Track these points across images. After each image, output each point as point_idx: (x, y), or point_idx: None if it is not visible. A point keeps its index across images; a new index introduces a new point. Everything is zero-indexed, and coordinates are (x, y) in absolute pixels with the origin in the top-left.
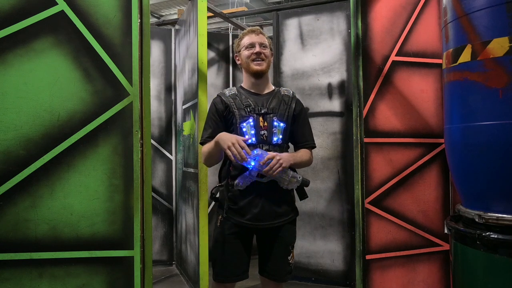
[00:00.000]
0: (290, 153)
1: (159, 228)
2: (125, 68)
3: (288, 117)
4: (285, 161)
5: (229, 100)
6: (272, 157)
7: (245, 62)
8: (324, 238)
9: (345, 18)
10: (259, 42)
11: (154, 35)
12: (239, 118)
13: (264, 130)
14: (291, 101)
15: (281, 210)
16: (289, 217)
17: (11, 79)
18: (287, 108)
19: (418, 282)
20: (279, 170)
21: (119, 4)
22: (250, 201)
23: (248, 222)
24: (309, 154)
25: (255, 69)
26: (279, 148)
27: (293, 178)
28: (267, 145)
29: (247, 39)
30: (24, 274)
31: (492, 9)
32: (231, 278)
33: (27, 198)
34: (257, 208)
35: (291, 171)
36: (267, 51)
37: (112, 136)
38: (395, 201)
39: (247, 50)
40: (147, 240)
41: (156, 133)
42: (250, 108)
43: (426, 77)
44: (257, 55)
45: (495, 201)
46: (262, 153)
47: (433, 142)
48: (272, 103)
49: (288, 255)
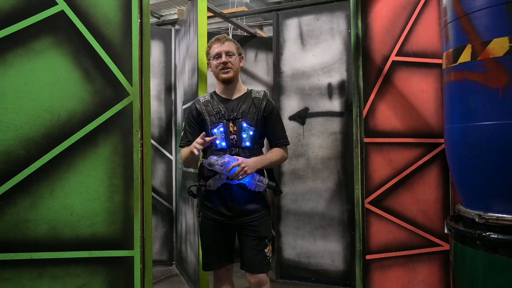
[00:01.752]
0: (258, 158)
1: (159, 228)
2: (125, 68)
3: (258, 120)
4: (250, 168)
5: (202, 108)
6: (238, 164)
7: (214, 71)
8: (324, 238)
9: (345, 18)
10: (225, 51)
11: (154, 35)
12: (210, 124)
13: (234, 135)
14: (261, 102)
15: (252, 208)
16: (261, 213)
17: (11, 79)
18: (256, 111)
19: (418, 282)
20: (244, 176)
21: (119, 4)
22: (222, 201)
23: (221, 218)
24: (281, 153)
25: (222, 78)
26: (249, 150)
27: (260, 182)
28: (237, 148)
29: (214, 48)
30: (24, 274)
31: (492, 9)
32: (211, 267)
33: (27, 198)
34: (228, 207)
35: (257, 176)
36: (234, 59)
37: (112, 136)
38: (395, 201)
39: (215, 60)
40: (147, 240)
41: (156, 133)
42: (220, 114)
43: (426, 77)
44: (223, 64)
45: (495, 201)
46: (229, 160)
47: (433, 142)
48: (242, 107)
49: (265, 247)
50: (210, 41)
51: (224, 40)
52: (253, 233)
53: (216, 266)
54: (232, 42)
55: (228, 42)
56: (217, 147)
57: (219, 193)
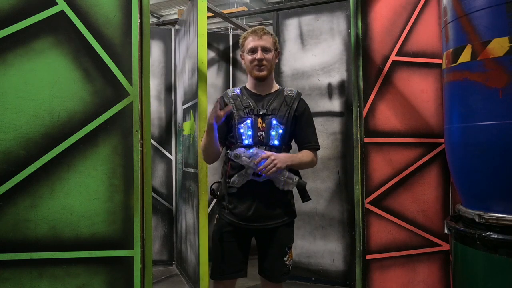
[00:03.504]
0: (288, 154)
1: (159, 228)
2: (125, 68)
3: (288, 119)
4: (280, 162)
5: (230, 101)
6: (267, 156)
7: (248, 66)
8: (324, 238)
9: (345, 18)
10: (261, 46)
11: (154, 35)
12: (238, 119)
13: (262, 132)
14: (293, 101)
15: (275, 213)
16: (283, 220)
17: (11, 79)
18: (287, 110)
19: (418, 282)
20: (273, 170)
21: (119, 4)
22: (244, 202)
23: (241, 222)
24: (311, 156)
25: (256, 75)
26: (276, 149)
27: (289, 179)
28: (264, 146)
29: (250, 41)
30: (24, 274)
31: (492, 9)
32: (223, 276)
33: (27, 198)
34: (250, 210)
35: (287, 172)
36: (270, 55)
37: (112, 136)
38: (395, 201)
39: (250, 54)
40: (147, 240)
41: (156, 133)
42: (249, 109)
43: (426, 77)
44: (258, 61)
45: (495, 201)
46: (258, 152)
47: (433, 142)
48: (273, 104)
49: (285, 256)
50: (246, 32)
51: (262, 34)
52: (274, 240)
53: (227, 276)
54: (270, 36)
55: (266, 36)
56: (242, 144)
57: (242, 192)
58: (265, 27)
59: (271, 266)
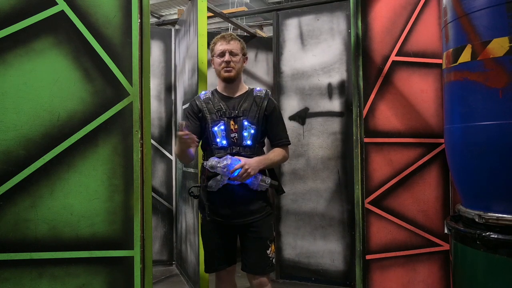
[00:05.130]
0: (259, 158)
1: (159, 228)
2: (125, 68)
3: (259, 119)
4: (253, 169)
5: (202, 105)
6: (241, 166)
7: (216, 68)
8: (324, 238)
9: (345, 18)
10: (229, 50)
11: (154, 35)
12: (211, 122)
13: (235, 133)
14: (263, 101)
15: (255, 207)
16: (263, 213)
17: (11, 79)
18: (258, 110)
19: (418, 282)
20: (246, 178)
21: (119, 4)
22: (223, 201)
23: (222, 220)
24: (282, 153)
25: (224, 76)
26: (249, 149)
27: (262, 182)
28: (238, 147)
29: (218, 46)
30: (24, 274)
31: (492, 9)
32: (214, 268)
33: (27, 198)
34: (230, 208)
35: (260, 176)
36: (237, 58)
37: (112, 136)
38: (395, 201)
39: (218, 57)
40: (147, 240)
41: (156, 133)
42: (221, 112)
43: (426, 77)
44: (226, 63)
45: (495, 201)
46: (232, 162)
47: (433, 142)
48: (244, 105)
49: (267, 249)
50: (216, 37)
51: (230, 39)
52: (254, 234)
53: (217, 268)
54: (237, 41)
55: (234, 41)
56: (217, 146)
57: (220, 193)
58: (233, 33)
59: (254, 260)
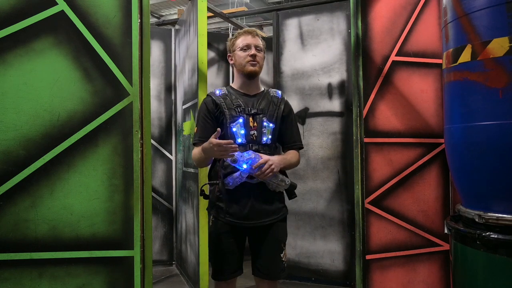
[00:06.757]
0: (281, 157)
1: (159, 228)
2: (125, 68)
3: (277, 118)
4: (276, 166)
5: (220, 100)
6: (265, 161)
7: (239, 62)
8: (324, 238)
9: (345, 18)
10: (254, 44)
11: (154, 35)
12: (229, 118)
13: (254, 130)
14: (280, 102)
15: (272, 208)
16: (279, 215)
17: (11, 79)
18: (276, 109)
19: (418, 282)
20: (270, 175)
21: (119, 4)
22: (239, 201)
23: (237, 221)
24: (297, 156)
25: (250, 70)
26: (268, 148)
27: (282, 181)
28: (257, 145)
29: (242, 39)
30: (24, 274)
31: (492, 9)
32: (224, 276)
33: (27, 198)
34: (246, 208)
35: (280, 175)
36: (261, 54)
37: (112, 136)
38: (395, 201)
39: (243, 51)
40: (147, 240)
41: (156, 133)
42: (240, 108)
43: (426, 77)
44: (252, 57)
45: (495, 201)
46: (255, 157)
47: (433, 142)
48: (262, 104)
49: (281, 252)
50: (238, 32)
51: (255, 34)
52: (270, 237)
53: (229, 276)
54: (261, 38)
55: (258, 38)
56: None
57: (234, 192)
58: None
59: (269, 264)
